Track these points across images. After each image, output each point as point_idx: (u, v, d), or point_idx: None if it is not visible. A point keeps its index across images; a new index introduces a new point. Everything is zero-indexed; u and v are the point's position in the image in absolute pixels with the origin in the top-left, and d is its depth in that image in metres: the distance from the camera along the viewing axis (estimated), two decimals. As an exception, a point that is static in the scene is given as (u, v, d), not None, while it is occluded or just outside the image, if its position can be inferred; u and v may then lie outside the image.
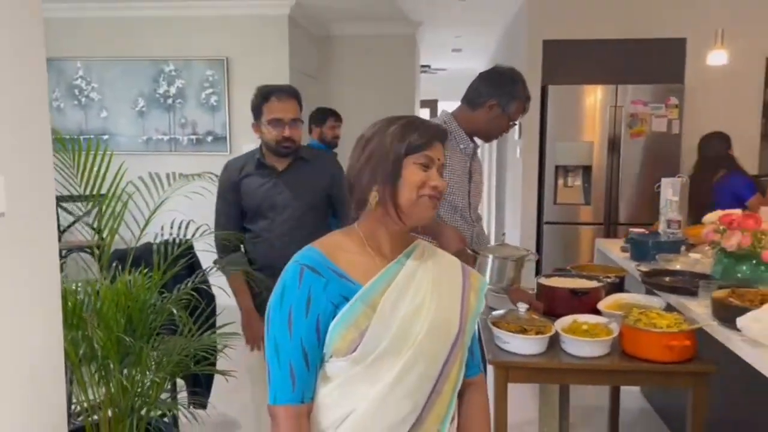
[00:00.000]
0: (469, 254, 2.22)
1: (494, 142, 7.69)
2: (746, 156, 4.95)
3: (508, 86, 2.33)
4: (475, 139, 2.47)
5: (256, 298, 2.40)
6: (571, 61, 5.00)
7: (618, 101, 4.80)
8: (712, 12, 4.66)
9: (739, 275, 2.36)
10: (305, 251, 1.23)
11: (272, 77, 5.44)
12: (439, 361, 1.22)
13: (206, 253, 2.53)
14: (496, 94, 2.31)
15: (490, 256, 2.23)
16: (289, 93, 2.38)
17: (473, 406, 1.34)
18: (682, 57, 4.79)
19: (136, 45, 5.51)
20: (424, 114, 10.75)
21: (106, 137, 5.50)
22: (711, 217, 2.42)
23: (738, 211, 2.33)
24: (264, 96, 2.36)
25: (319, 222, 2.46)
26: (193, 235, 2.28)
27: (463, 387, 1.32)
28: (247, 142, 5.53)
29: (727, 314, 2.02)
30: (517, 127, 2.85)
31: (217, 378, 2.62)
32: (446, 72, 10.71)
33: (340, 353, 1.18)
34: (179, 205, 2.34)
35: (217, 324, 2.50)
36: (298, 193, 2.44)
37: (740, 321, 1.91)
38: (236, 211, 2.44)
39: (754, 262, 2.34)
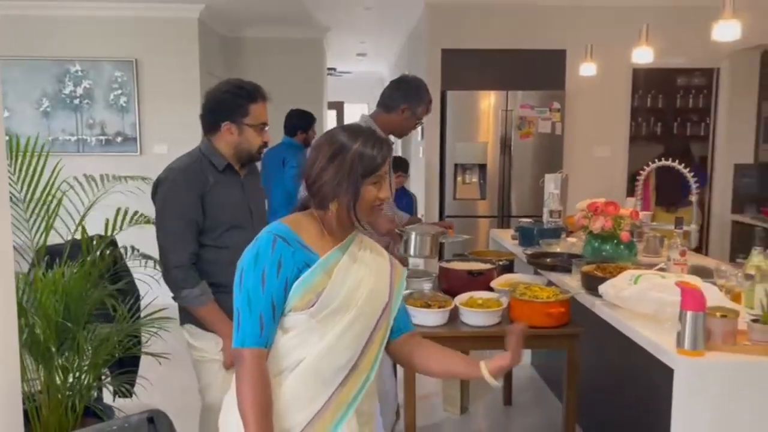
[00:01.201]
0: (396, 233, 2.72)
1: (400, 145, 8.10)
2: (618, 154, 5.61)
3: (416, 93, 2.83)
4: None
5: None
6: (467, 68, 5.43)
7: (508, 106, 5.30)
8: (587, 28, 5.22)
9: (603, 253, 2.82)
10: (276, 224, 1.50)
11: (182, 79, 5.56)
12: (374, 319, 1.52)
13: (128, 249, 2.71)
14: (408, 100, 2.79)
15: (413, 233, 2.74)
16: (266, 95, 2.23)
17: (426, 345, 1.65)
18: (563, 66, 5.34)
19: (40, 44, 5.41)
20: (331, 115, 11.00)
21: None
22: (581, 204, 2.87)
23: (602, 200, 2.79)
24: (251, 95, 2.16)
25: None
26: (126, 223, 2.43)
27: (409, 341, 1.63)
28: (158, 142, 5.60)
29: (592, 284, 2.46)
30: (420, 129, 3.25)
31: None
32: (352, 75, 11.04)
33: (298, 309, 1.44)
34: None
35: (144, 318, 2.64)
36: (260, 199, 2.38)
37: (601, 288, 2.34)
38: (197, 229, 2.11)
39: (615, 242, 2.81)
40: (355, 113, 12.20)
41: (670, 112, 6.38)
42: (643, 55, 3.57)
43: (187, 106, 5.61)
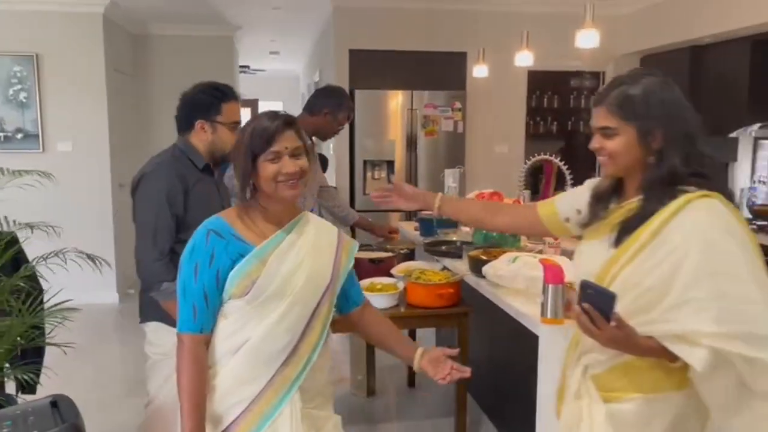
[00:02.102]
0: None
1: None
2: (516, 151, 5.97)
3: (338, 99, 3.14)
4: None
5: None
6: (375, 69, 5.64)
7: (414, 105, 5.56)
8: (485, 32, 5.54)
9: (491, 240, 3.09)
10: (212, 219, 1.61)
11: (88, 76, 5.47)
12: (312, 305, 1.59)
13: (33, 247, 2.72)
14: (330, 105, 3.11)
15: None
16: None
17: (373, 317, 1.81)
18: (464, 68, 5.64)
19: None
20: (245, 114, 10.95)
21: None
22: (470, 195, 3.12)
23: (489, 191, 3.05)
24: (225, 95, 2.22)
25: None
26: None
27: (359, 313, 1.77)
28: (62, 140, 5.47)
29: (477, 267, 2.70)
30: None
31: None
32: (266, 73, 11.03)
33: (235, 296, 1.54)
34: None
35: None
36: (229, 200, 2.39)
37: (484, 269, 2.59)
38: (176, 223, 2.15)
39: (501, 229, 3.08)
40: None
41: (565, 111, 6.86)
42: (525, 59, 3.88)
43: (93, 103, 5.54)
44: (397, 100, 5.60)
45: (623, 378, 1.46)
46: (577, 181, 1.91)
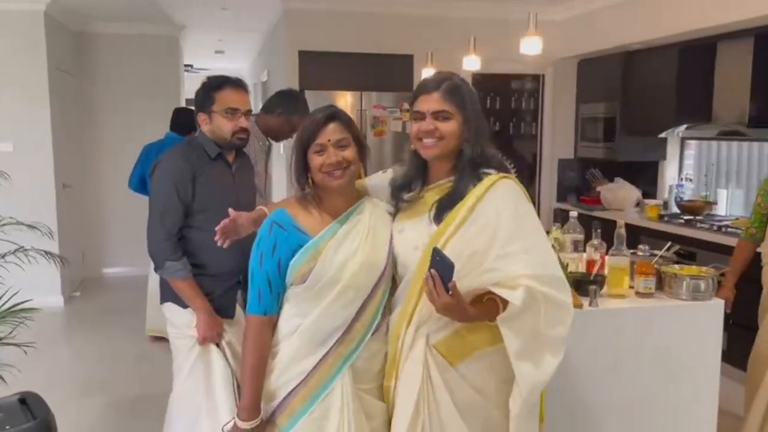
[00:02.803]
0: None
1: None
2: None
3: (292, 101, 3.24)
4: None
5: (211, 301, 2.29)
6: (324, 70, 5.71)
7: (363, 106, 5.68)
8: (431, 36, 5.69)
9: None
10: (278, 211, 1.73)
11: (29, 74, 5.35)
12: (367, 289, 1.69)
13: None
14: (283, 106, 3.20)
15: None
16: (243, 85, 2.36)
17: None
18: (411, 70, 5.79)
19: None
20: (189, 113, 10.81)
21: None
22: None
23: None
24: (217, 84, 2.30)
25: None
26: None
27: None
28: (2, 140, 5.33)
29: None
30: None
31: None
32: (210, 72, 10.91)
33: (296, 283, 1.68)
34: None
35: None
36: (249, 189, 2.50)
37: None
38: (185, 206, 2.25)
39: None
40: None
41: (507, 112, 7.12)
42: (472, 63, 4.06)
43: (35, 102, 5.41)
44: (346, 100, 5.70)
45: (462, 340, 1.66)
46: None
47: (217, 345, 2.27)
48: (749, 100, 4.28)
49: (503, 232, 1.60)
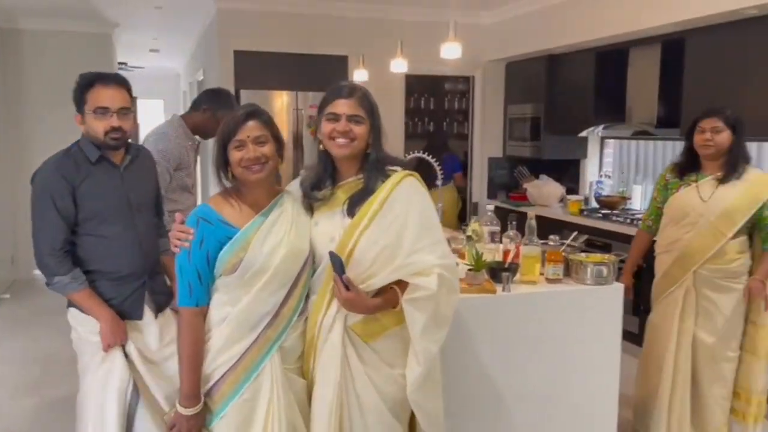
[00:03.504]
0: None
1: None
2: (394, 149, 6.31)
3: (218, 98, 3.25)
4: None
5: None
6: (260, 69, 5.77)
7: (299, 105, 5.78)
8: (364, 37, 5.84)
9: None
10: (201, 206, 1.82)
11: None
12: (293, 275, 1.82)
13: None
14: (210, 102, 3.23)
15: None
16: (117, 80, 2.21)
17: None
18: (346, 71, 5.91)
19: None
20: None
21: None
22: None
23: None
24: (88, 82, 2.18)
25: (158, 220, 2.49)
26: None
27: None
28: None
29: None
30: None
31: None
32: (145, 70, 10.76)
33: (226, 273, 1.78)
34: None
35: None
36: (144, 189, 2.39)
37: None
38: (66, 220, 2.15)
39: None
40: (151, 109, 11.79)
41: (440, 113, 7.36)
42: (399, 66, 4.23)
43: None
44: (282, 100, 5.78)
45: (375, 321, 1.84)
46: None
47: (124, 349, 2.20)
48: (657, 102, 4.63)
49: (414, 227, 1.80)
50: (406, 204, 1.82)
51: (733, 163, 2.78)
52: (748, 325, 2.83)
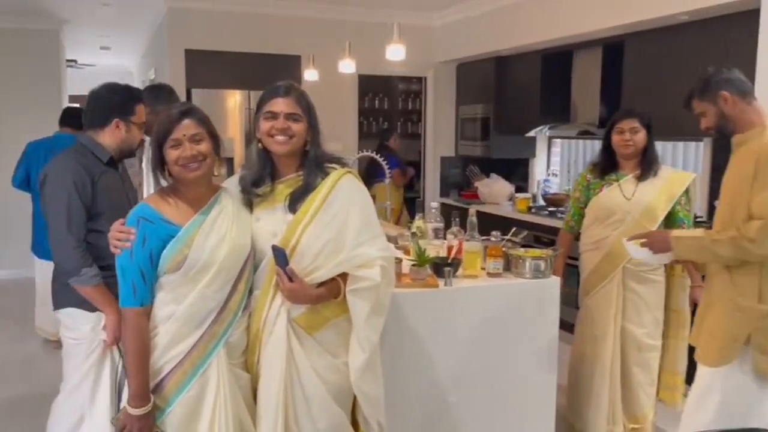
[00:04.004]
0: None
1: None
2: (348, 149, 6.36)
3: (156, 93, 3.17)
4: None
5: None
6: (212, 68, 5.76)
7: (251, 104, 5.78)
8: (317, 37, 5.89)
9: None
10: (141, 206, 1.82)
11: None
12: (237, 270, 1.85)
13: None
14: (148, 98, 3.02)
15: None
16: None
17: None
18: (299, 70, 5.94)
19: None
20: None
21: None
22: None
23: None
24: (137, 97, 2.43)
25: None
26: None
27: None
28: None
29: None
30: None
31: None
32: (96, 68, 10.55)
33: (170, 271, 1.78)
34: None
35: None
36: (133, 188, 2.56)
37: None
38: (87, 212, 2.22)
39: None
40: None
41: (395, 112, 7.45)
42: (347, 66, 4.29)
43: None
44: (234, 99, 5.78)
45: (317, 313, 1.92)
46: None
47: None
48: (599, 103, 4.80)
49: (356, 222, 1.89)
50: (347, 200, 1.91)
51: (650, 161, 2.93)
52: (670, 314, 3.00)
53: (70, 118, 4.51)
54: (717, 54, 3.70)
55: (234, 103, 5.78)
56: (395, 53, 3.58)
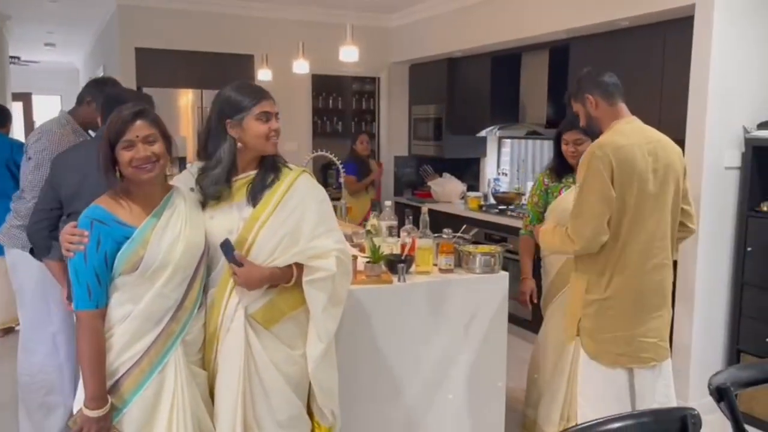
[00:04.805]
0: None
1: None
2: (303, 148, 6.41)
3: (99, 87, 3.02)
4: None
5: None
6: (163, 67, 5.68)
7: (204, 104, 5.74)
8: (269, 37, 5.89)
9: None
10: (92, 208, 1.78)
11: None
12: (191, 269, 1.87)
13: None
14: (91, 93, 3.00)
15: None
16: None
17: None
18: (252, 70, 5.93)
19: None
20: (17, 107, 10.08)
21: None
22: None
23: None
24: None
25: None
26: None
27: None
28: None
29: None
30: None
31: None
32: (40, 65, 10.25)
33: (126, 272, 1.78)
34: None
35: None
36: None
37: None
38: None
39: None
40: (46, 105, 11.25)
41: (349, 112, 7.49)
42: (301, 67, 4.33)
43: None
44: (187, 98, 5.73)
45: (274, 308, 1.98)
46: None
47: None
48: (546, 104, 4.97)
49: (312, 216, 1.98)
50: (304, 197, 1.99)
51: None
52: None
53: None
54: (655, 57, 3.89)
55: (186, 101, 5.73)
56: (348, 54, 3.64)
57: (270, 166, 2.02)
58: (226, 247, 1.90)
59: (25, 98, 10.49)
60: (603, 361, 2.42)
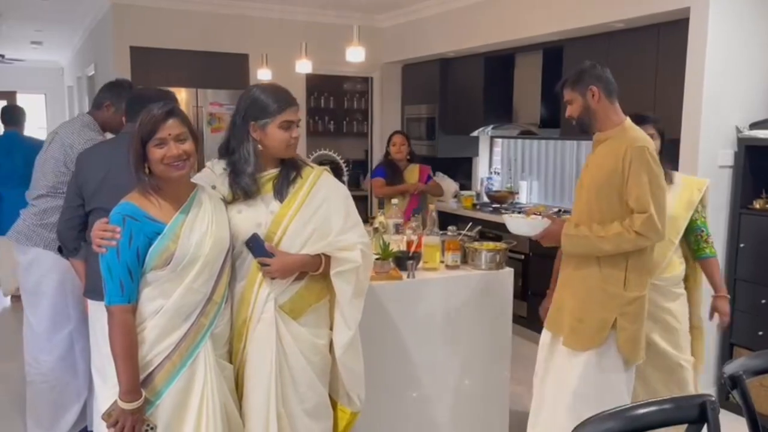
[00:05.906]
0: None
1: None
2: (298, 148, 6.43)
3: (118, 90, 3.08)
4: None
5: None
6: (159, 66, 5.65)
7: (199, 102, 5.74)
8: (265, 36, 5.90)
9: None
10: (124, 204, 1.83)
11: None
12: (219, 264, 1.92)
13: None
14: (110, 97, 3.06)
15: None
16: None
17: None
18: (247, 69, 5.94)
19: None
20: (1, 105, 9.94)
21: None
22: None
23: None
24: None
25: None
26: None
27: None
28: None
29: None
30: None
31: None
32: (25, 63, 10.15)
33: (157, 267, 1.82)
34: None
35: None
36: None
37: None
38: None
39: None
40: (31, 103, 11.17)
41: (341, 112, 7.53)
42: (304, 67, 4.36)
43: None
44: (181, 97, 5.71)
45: (301, 299, 2.07)
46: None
47: None
48: (540, 104, 5.05)
49: (339, 211, 2.09)
50: (329, 192, 2.10)
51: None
52: (692, 330, 2.80)
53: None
54: (649, 59, 3.99)
55: (181, 100, 5.67)
56: (355, 55, 3.69)
57: (291, 165, 2.11)
58: (255, 241, 1.96)
59: (9, 97, 10.37)
60: (636, 360, 2.35)
